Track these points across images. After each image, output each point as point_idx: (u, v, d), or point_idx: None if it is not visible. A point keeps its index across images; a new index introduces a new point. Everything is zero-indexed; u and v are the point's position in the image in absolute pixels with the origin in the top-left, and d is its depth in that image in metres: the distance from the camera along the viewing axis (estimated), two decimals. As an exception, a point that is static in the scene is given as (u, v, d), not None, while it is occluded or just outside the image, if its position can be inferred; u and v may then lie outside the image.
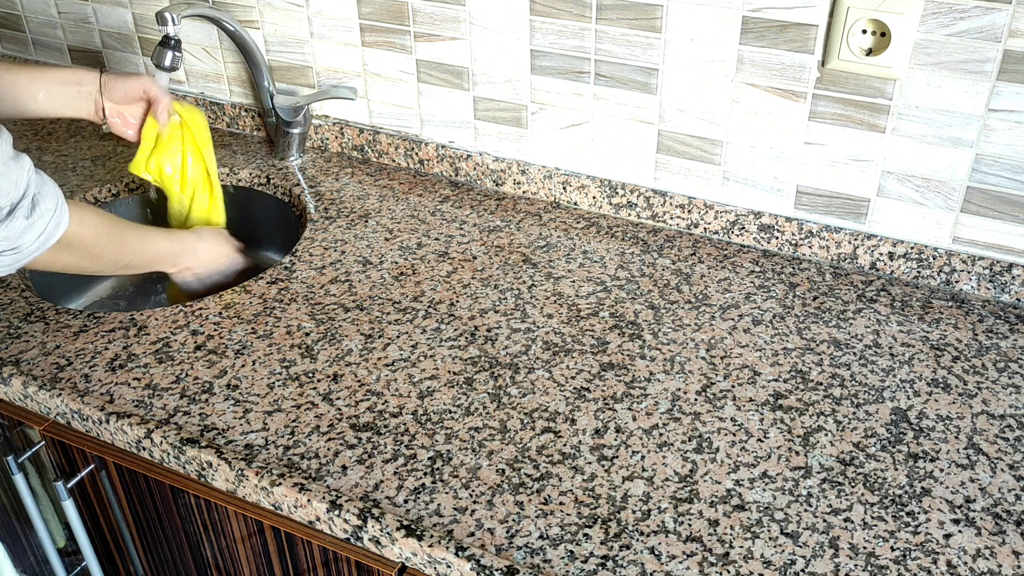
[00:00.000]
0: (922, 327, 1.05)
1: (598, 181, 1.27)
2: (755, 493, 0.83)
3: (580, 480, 0.85)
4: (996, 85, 0.99)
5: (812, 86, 1.08)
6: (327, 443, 0.89)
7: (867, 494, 0.83)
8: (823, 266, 1.17)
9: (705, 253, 1.20)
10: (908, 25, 0.99)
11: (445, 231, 1.25)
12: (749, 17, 1.08)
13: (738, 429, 0.91)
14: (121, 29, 1.58)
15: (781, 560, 0.77)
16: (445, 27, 1.27)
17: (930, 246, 1.11)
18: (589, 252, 1.20)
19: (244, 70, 1.50)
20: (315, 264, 1.18)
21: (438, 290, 1.12)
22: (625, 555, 0.77)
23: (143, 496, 1.00)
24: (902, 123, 1.06)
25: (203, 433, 0.91)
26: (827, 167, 1.12)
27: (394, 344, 1.03)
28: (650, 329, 1.05)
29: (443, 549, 0.78)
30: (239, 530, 0.94)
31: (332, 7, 1.35)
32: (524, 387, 0.96)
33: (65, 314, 1.09)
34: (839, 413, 0.93)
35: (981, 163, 1.04)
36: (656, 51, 1.15)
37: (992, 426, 0.91)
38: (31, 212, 0.83)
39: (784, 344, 1.03)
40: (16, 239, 0.83)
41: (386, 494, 0.83)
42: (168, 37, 1.23)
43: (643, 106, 1.20)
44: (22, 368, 1.01)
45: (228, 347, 1.03)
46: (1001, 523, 0.80)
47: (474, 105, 1.32)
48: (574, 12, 1.17)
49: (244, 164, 1.44)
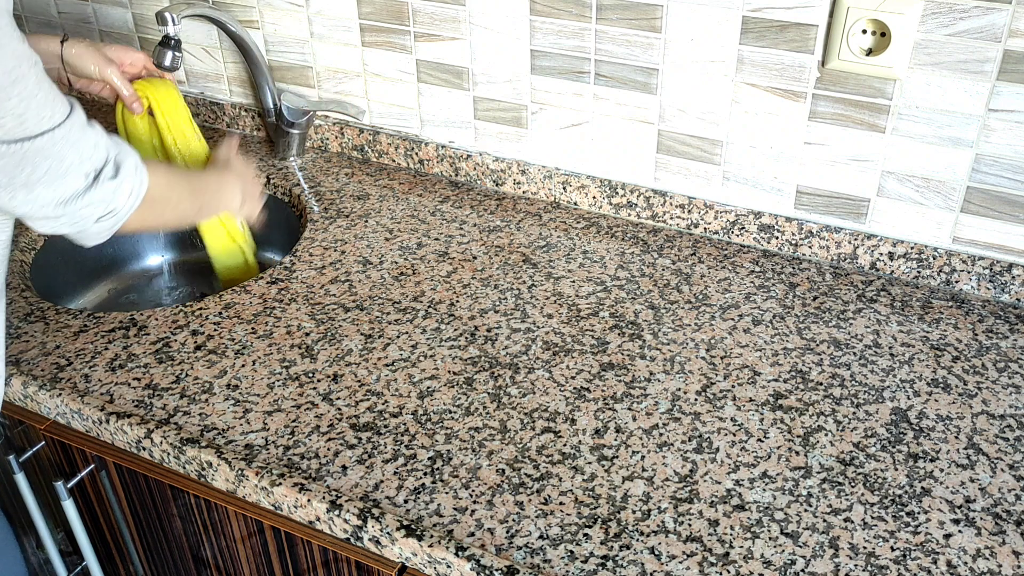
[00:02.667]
0: (922, 327, 1.05)
1: (598, 181, 1.27)
2: (755, 493, 0.83)
3: (580, 480, 0.85)
4: (996, 85, 0.99)
5: (812, 86, 1.08)
6: (327, 443, 0.89)
7: (867, 494, 0.83)
8: (823, 266, 1.17)
9: (705, 253, 1.20)
10: (908, 25, 0.99)
11: (445, 231, 1.25)
12: (749, 17, 1.08)
13: (738, 429, 0.91)
14: (121, 29, 1.58)
15: (781, 560, 0.77)
16: (445, 27, 1.27)
17: (930, 246, 1.11)
18: (589, 252, 1.20)
19: (244, 70, 1.50)
20: (315, 264, 1.18)
21: (438, 290, 1.12)
22: (625, 555, 0.77)
23: (143, 496, 1.00)
24: (902, 123, 1.06)
25: (203, 433, 0.91)
26: (827, 167, 1.12)
27: (394, 344, 1.03)
28: (650, 329, 1.05)
29: (443, 549, 0.78)
30: (239, 530, 0.94)
31: (332, 7, 1.35)
32: (524, 387, 0.96)
33: (65, 314, 1.09)
34: (839, 413, 0.93)
35: (981, 163, 1.04)
36: (656, 51, 1.15)
37: (992, 426, 0.91)
38: (116, 173, 0.84)
39: (784, 344, 1.03)
40: (110, 201, 0.84)
41: (386, 494, 0.83)
42: (168, 37, 1.23)
43: (643, 106, 1.20)
44: (22, 368, 1.01)
45: (228, 347, 1.03)
46: (1001, 523, 0.80)
47: (474, 105, 1.32)
48: (574, 12, 1.17)
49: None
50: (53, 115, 0.76)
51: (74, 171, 0.79)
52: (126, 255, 1.44)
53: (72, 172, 0.79)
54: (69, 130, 0.77)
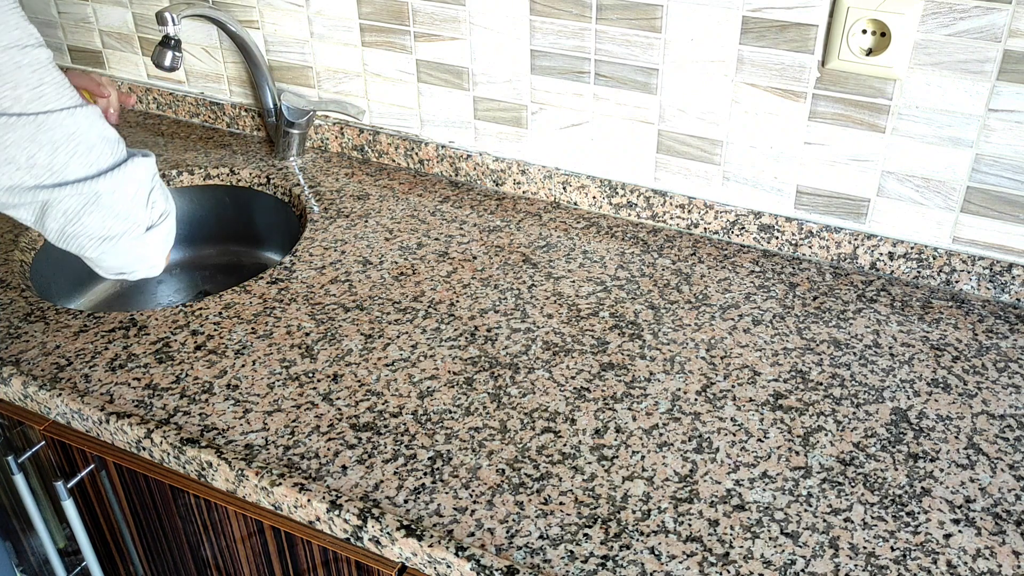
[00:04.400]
0: (922, 327, 1.05)
1: (598, 181, 1.27)
2: (755, 493, 0.83)
3: (580, 480, 0.85)
4: (996, 85, 0.99)
5: (812, 86, 1.08)
6: (327, 443, 0.89)
7: (867, 494, 0.83)
8: (823, 266, 1.17)
9: (705, 253, 1.20)
10: (908, 25, 0.99)
11: (445, 231, 1.25)
12: (749, 17, 1.08)
13: (738, 429, 0.91)
14: (121, 29, 1.58)
15: (781, 560, 0.77)
16: (445, 27, 1.27)
17: (930, 246, 1.11)
18: (589, 252, 1.20)
19: (244, 70, 1.50)
20: (315, 264, 1.18)
21: (438, 290, 1.12)
22: (625, 555, 0.77)
23: (143, 496, 1.00)
24: (902, 123, 1.06)
25: (203, 433, 0.91)
26: (827, 167, 1.12)
27: (394, 344, 1.03)
28: (650, 329, 1.05)
29: (443, 549, 0.78)
30: (239, 530, 0.94)
31: (332, 7, 1.35)
32: (524, 387, 0.96)
33: (65, 314, 1.09)
34: (839, 413, 0.93)
35: (981, 163, 1.04)
36: (656, 51, 1.15)
37: (992, 426, 0.91)
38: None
39: (784, 344, 1.03)
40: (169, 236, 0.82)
41: (386, 494, 0.83)
42: (168, 37, 1.23)
43: (643, 106, 1.20)
44: (22, 368, 1.01)
45: (228, 347, 1.03)
46: (1001, 523, 0.80)
47: (474, 105, 1.32)
48: (574, 12, 1.17)
49: (244, 164, 1.44)
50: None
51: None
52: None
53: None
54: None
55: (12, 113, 0.64)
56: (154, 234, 0.80)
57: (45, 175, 0.68)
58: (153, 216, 0.79)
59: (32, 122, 0.66)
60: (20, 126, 0.66)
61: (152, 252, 0.82)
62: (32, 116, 0.66)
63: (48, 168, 0.68)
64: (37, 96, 0.65)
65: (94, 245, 0.76)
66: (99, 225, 0.74)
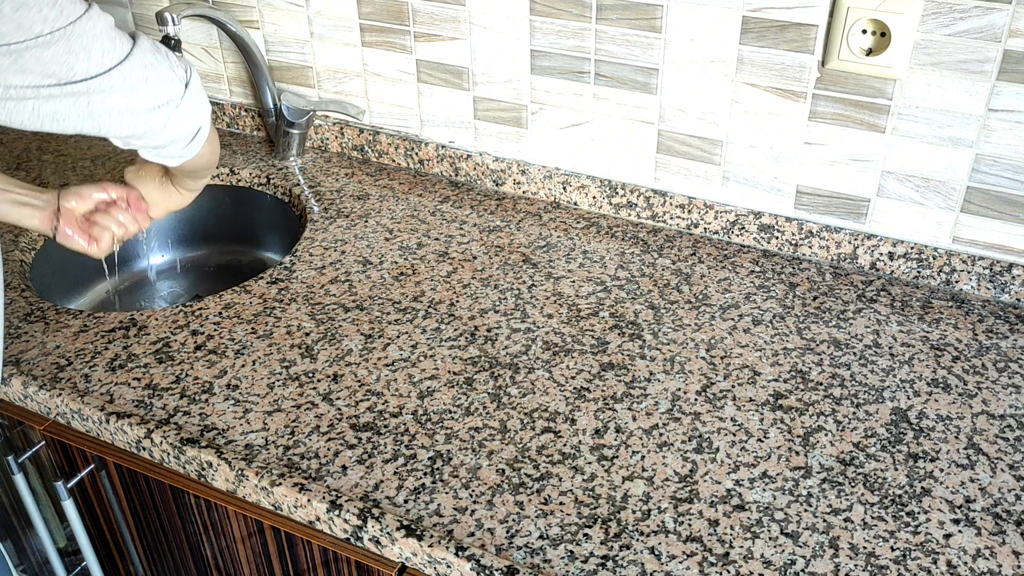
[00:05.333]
0: (922, 327, 1.05)
1: (598, 181, 1.27)
2: (755, 493, 0.83)
3: (580, 480, 0.85)
4: (996, 85, 0.99)
5: (812, 86, 1.08)
6: (327, 443, 0.89)
7: (867, 494, 0.83)
8: (823, 266, 1.17)
9: (705, 253, 1.20)
10: (908, 25, 0.99)
11: (445, 231, 1.25)
12: (749, 17, 1.08)
13: (738, 429, 0.91)
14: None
15: (781, 560, 0.77)
16: (445, 27, 1.27)
17: (930, 246, 1.11)
18: (589, 252, 1.20)
19: (244, 70, 1.50)
20: (315, 264, 1.18)
21: (438, 290, 1.12)
22: (625, 555, 0.77)
23: (143, 496, 1.01)
24: (902, 123, 1.06)
25: (203, 433, 0.91)
26: (827, 167, 1.12)
27: (394, 344, 1.03)
28: (650, 329, 1.05)
29: (443, 549, 0.78)
30: (239, 530, 0.94)
31: (332, 7, 1.35)
32: (524, 387, 0.96)
33: (65, 314, 1.09)
34: (839, 413, 0.93)
35: (981, 163, 1.04)
36: (656, 51, 1.15)
37: (992, 426, 0.91)
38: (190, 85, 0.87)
39: (784, 344, 1.03)
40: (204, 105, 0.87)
41: (386, 494, 0.83)
42: (168, 37, 1.23)
43: (643, 106, 1.20)
44: (22, 368, 1.01)
45: (228, 347, 1.03)
46: (1001, 523, 0.80)
47: (474, 105, 1.32)
48: (574, 12, 1.17)
49: (244, 164, 1.44)
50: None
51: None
52: (126, 255, 1.44)
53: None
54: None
55: (44, 33, 0.73)
56: (193, 83, 0.85)
57: (85, 72, 0.77)
58: (180, 72, 0.84)
59: (63, 35, 0.75)
60: (55, 42, 0.74)
61: (203, 98, 0.87)
62: (62, 30, 0.74)
63: (86, 71, 0.77)
64: (58, 13, 0.74)
65: (158, 116, 0.82)
66: (152, 95, 0.81)
